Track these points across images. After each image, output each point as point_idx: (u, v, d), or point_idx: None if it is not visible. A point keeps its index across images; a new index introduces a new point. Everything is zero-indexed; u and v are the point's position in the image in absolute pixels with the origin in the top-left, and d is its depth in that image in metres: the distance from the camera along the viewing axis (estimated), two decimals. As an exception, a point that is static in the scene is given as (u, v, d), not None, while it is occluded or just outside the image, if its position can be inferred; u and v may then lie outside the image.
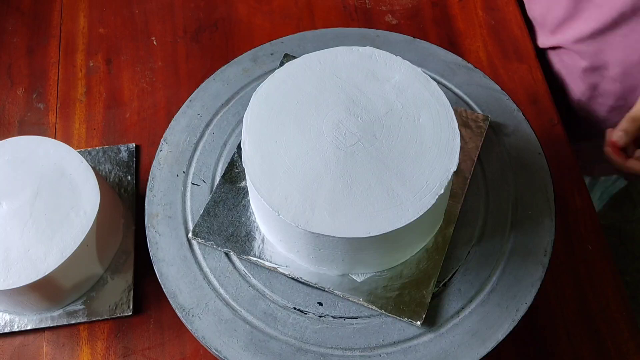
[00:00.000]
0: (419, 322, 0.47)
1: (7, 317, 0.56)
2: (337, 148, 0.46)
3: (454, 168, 0.45)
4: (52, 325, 0.56)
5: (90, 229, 0.53)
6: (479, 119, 0.56)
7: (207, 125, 0.58)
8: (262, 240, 0.51)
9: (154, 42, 0.74)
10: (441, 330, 0.48)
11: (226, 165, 0.55)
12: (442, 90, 0.49)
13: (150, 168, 0.56)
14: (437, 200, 0.44)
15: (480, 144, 0.55)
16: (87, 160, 0.56)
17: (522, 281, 0.50)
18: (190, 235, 0.52)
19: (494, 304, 0.49)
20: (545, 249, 0.51)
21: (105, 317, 0.56)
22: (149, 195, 0.54)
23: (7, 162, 0.55)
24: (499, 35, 0.73)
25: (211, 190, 0.54)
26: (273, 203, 0.44)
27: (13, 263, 0.51)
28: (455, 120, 0.47)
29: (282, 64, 0.60)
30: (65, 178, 0.55)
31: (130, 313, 0.56)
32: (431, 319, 0.48)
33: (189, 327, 0.49)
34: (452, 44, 0.72)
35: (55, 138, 0.66)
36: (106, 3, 0.77)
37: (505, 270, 0.50)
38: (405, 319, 0.47)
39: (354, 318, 0.49)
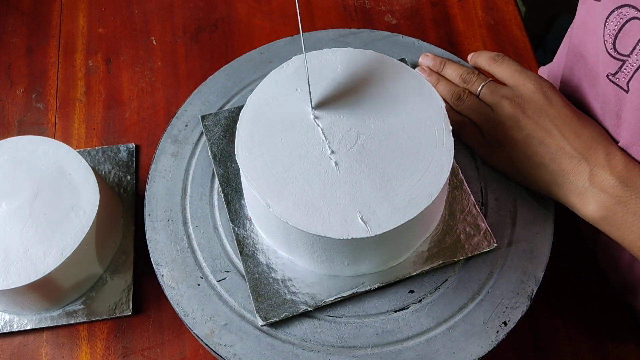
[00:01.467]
0: (494, 244, 0.49)
1: (7, 317, 0.56)
2: (332, 150, 0.46)
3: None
4: (51, 325, 0.56)
5: (90, 228, 0.53)
6: None
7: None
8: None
9: (154, 42, 0.74)
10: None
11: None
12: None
13: (149, 168, 0.56)
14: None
15: None
16: (86, 160, 0.56)
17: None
18: (260, 324, 0.49)
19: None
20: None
21: (105, 317, 0.56)
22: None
23: (7, 162, 0.55)
24: (499, 35, 0.73)
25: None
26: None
27: (12, 263, 0.51)
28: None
29: (205, 126, 0.57)
30: (65, 178, 0.55)
31: (130, 313, 0.56)
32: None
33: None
34: (451, 44, 0.72)
35: (54, 138, 0.66)
36: (106, 3, 0.77)
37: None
38: (485, 248, 0.49)
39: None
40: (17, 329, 0.55)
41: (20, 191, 0.54)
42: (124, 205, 0.61)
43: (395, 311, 0.49)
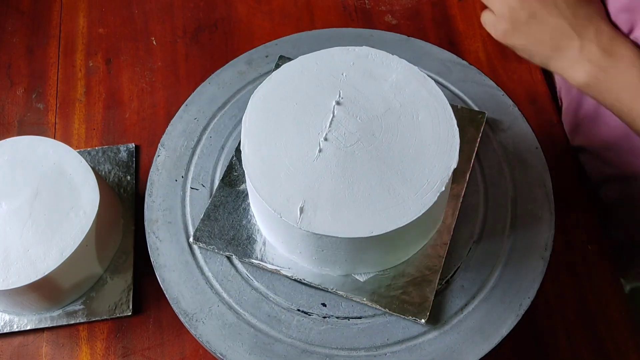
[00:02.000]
0: (423, 320, 0.47)
1: (7, 317, 0.56)
2: (337, 148, 0.46)
3: (454, 165, 0.45)
4: (51, 325, 0.56)
5: (90, 229, 0.53)
6: (476, 116, 0.56)
7: (204, 129, 0.58)
8: (264, 243, 0.51)
9: (154, 42, 0.74)
10: (445, 327, 0.48)
11: (225, 168, 0.55)
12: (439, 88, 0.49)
13: (149, 168, 0.56)
14: (438, 197, 0.44)
15: (478, 140, 0.55)
16: (86, 161, 0.56)
17: (524, 276, 0.50)
18: (191, 240, 0.52)
19: (497, 300, 0.49)
20: (546, 243, 0.51)
21: (105, 317, 0.56)
22: (148, 200, 0.54)
23: (7, 162, 0.55)
24: (499, 36, 0.73)
25: (211, 194, 0.54)
26: (275, 205, 0.44)
27: (12, 263, 0.51)
28: (453, 118, 0.47)
29: (277, 66, 0.59)
30: (65, 178, 0.55)
31: (130, 313, 0.56)
32: (435, 317, 0.48)
33: (192, 332, 0.49)
34: (451, 44, 0.72)
35: (54, 138, 0.66)
36: (106, 3, 0.77)
37: (506, 265, 0.50)
38: (410, 317, 0.47)
39: (358, 318, 0.49)
40: (17, 329, 0.55)
41: (20, 191, 0.54)
42: (124, 205, 0.61)
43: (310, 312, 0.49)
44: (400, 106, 0.48)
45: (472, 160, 0.54)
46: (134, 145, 0.65)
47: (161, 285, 0.50)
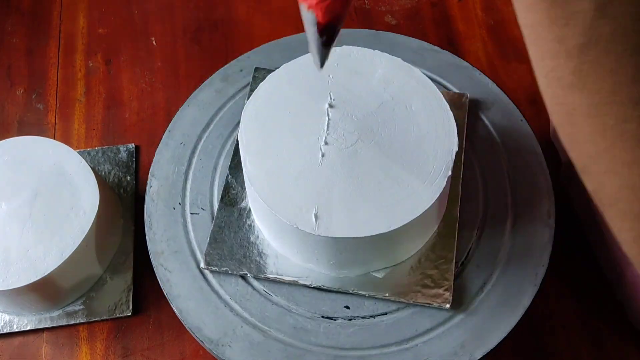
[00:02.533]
0: (447, 305, 0.48)
1: (7, 317, 0.56)
2: (339, 150, 0.46)
3: (455, 149, 0.46)
4: (51, 325, 0.56)
5: (90, 229, 0.53)
6: (459, 98, 0.57)
7: (193, 152, 0.57)
8: (276, 257, 0.50)
9: (154, 43, 0.74)
10: (470, 308, 0.49)
11: (222, 188, 0.54)
12: None
13: (149, 168, 0.56)
14: (446, 182, 0.45)
15: (465, 121, 0.55)
16: (86, 161, 0.56)
17: (533, 247, 0.51)
18: (202, 265, 0.51)
19: (513, 273, 0.50)
20: (549, 210, 0.52)
21: (105, 318, 0.56)
22: (149, 233, 0.53)
23: (7, 163, 0.55)
24: (499, 36, 0.73)
25: (212, 217, 0.53)
26: (289, 217, 0.44)
27: (12, 263, 0.51)
28: (446, 103, 0.48)
29: (254, 78, 0.59)
30: (65, 178, 0.55)
31: (130, 313, 0.56)
32: (458, 300, 0.49)
33: (221, 357, 0.48)
34: (451, 44, 0.72)
35: (54, 138, 0.66)
36: (105, 3, 0.77)
37: (515, 239, 0.51)
38: (434, 304, 0.48)
39: (383, 314, 0.49)
40: (17, 330, 0.55)
41: (20, 191, 0.54)
42: (124, 205, 0.61)
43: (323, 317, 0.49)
44: (392, 99, 0.48)
45: (464, 141, 0.55)
46: (134, 146, 0.65)
47: (179, 317, 0.50)
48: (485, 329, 0.48)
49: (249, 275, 0.50)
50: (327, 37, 0.35)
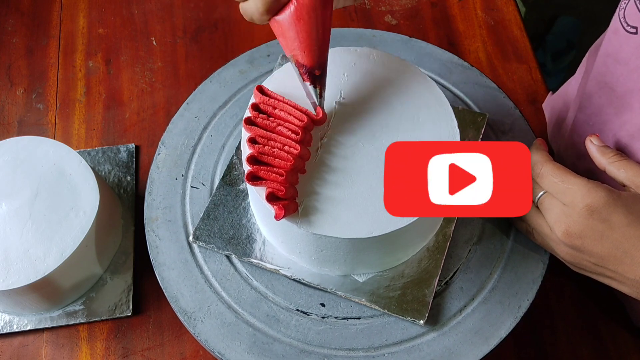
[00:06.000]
0: (421, 322, 0.47)
1: (7, 317, 0.56)
2: (336, 149, 0.46)
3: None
4: (51, 325, 0.56)
5: (90, 229, 0.53)
6: (477, 117, 0.56)
7: (205, 127, 0.58)
8: (263, 243, 0.51)
9: (154, 43, 0.74)
10: (444, 328, 0.48)
11: (225, 167, 0.55)
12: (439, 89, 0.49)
13: (149, 168, 0.56)
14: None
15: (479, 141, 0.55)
16: (86, 161, 0.56)
17: (523, 278, 0.50)
18: (190, 238, 0.52)
19: (496, 302, 0.49)
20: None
21: (105, 318, 0.56)
22: (148, 199, 0.54)
23: (7, 163, 0.55)
24: (499, 36, 0.73)
25: (211, 193, 0.54)
26: None
27: (12, 263, 0.51)
28: (454, 119, 0.47)
29: (280, 65, 0.60)
30: (65, 178, 0.55)
31: (130, 313, 0.56)
32: (434, 318, 0.48)
33: (191, 330, 0.49)
34: (451, 44, 0.72)
35: (54, 138, 0.66)
36: (105, 3, 0.77)
37: (506, 267, 0.50)
38: (408, 318, 0.47)
39: (356, 318, 0.49)
40: (17, 330, 0.55)
41: (20, 191, 0.54)
42: (123, 205, 0.61)
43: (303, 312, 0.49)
44: (401, 106, 0.48)
45: None
46: (133, 146, 0.65)
47: (160, 284, 0.51)
48: (454, 352, 0.47)
49: (233, 255, 0.51)
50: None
